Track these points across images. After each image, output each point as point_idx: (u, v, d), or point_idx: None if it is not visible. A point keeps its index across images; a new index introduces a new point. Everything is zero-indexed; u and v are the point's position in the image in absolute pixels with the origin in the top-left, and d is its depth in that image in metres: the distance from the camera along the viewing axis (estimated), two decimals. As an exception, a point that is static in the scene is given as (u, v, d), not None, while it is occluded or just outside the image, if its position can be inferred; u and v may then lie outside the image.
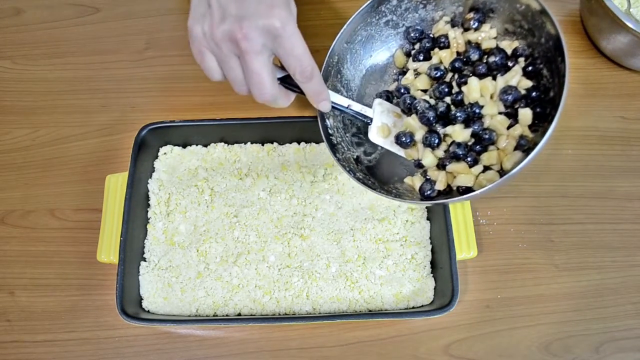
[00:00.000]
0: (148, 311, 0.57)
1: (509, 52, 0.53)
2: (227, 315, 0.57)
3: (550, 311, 0.59)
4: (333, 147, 0.55)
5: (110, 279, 0.59)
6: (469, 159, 0.51)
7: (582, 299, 0.59)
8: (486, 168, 0.51)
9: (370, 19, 0.57)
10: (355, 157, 0.58)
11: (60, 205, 0.64)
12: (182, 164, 0.64)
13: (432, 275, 0.58)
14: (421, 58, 0.57)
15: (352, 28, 0.57)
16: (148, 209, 0.62)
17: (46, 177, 0.66)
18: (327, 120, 0.56)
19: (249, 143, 0.65)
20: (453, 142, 0.52)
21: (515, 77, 0.51)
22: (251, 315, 0.57)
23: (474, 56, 0.54)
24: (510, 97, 0.50)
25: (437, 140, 0.52)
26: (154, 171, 0.63)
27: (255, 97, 0.46)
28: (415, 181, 0.55)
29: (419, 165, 0.54)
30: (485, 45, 0.54)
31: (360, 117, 0.55)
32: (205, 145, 0.65)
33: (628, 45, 0.66)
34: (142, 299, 0.58)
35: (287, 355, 0.57)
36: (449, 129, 0.52)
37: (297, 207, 0.61)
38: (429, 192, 0.53)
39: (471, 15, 0.55)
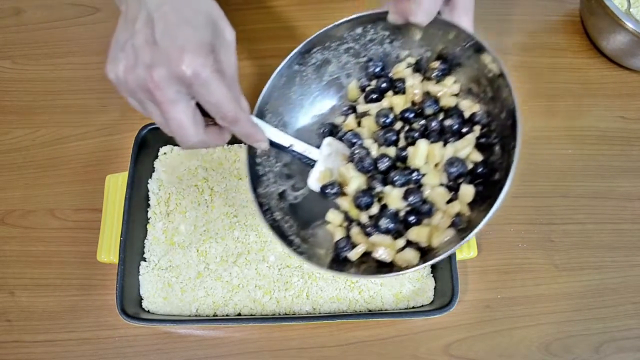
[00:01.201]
0: (148, 311, 0.57)
1: (467, 114, 0.49)
2: (227, 315, 0.57)
3: (550, 311, 0.59)
4: (257, 178, 0.50)
5: (110, 279, 0.59)
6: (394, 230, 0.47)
7: (582, 299, 0.59)
8: (409, 242, 0.47)
9: (330, 42, 0.52)
10: (280, 191, 0.53)
11: (60, 205, 0.64)
12: (182, 164, 0.64)
13: (432, 275, 0.58)
14: (374, 98, 0.53)
15: (307, 49, 0.51)
16: (148, 209, 0.62)
17: (46, 177, 0.66)
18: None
19: (249, 143, 0.65)
20: (385, 210, 0.47)
21: (467, 149, 0.47)
22: (251, 315, 0.57)
23: (429, 110, 0.49)
24: (455, 171, 0.46)
25: (369, 202, 0.47)
26: (154, 171, 0.64)
27: (178, 143, 0.43)
28: (337, 231, 0.50)
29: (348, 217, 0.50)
30: (444, 102, 0.49)
31: (304, 160, 0.51)
32: (205, 145, 0.65)
33: (628, 45, 0.66)
34: (142, 299, 0.58)
35: (287, 355, 0.57)
36: (387, 189, 0.48)
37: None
38: (342, 250, 0.48)
39: (437, 64, 0.50)
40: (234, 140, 0.64)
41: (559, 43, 0.74)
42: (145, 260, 0.59)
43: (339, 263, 0.48)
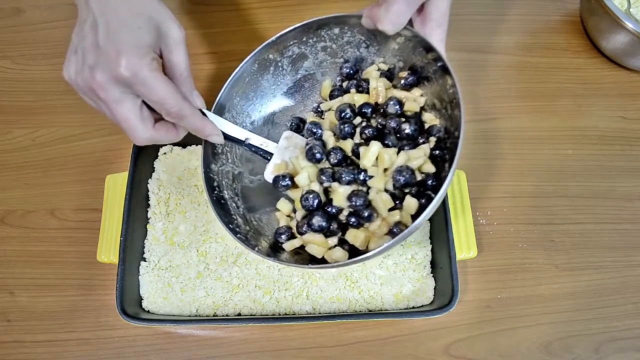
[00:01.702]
0: (148, 311, 0.57)
1: (427, 125, 0.50)
2: (227, 315, 0.57)
3: (550, 311, 0.59)
4: (214, 155, 0.52)
5: (110, 279, 0.59)
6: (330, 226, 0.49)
7: (582, 299, 0.59)
8: (343, 241, 0.49)
9: (307, 38, 0.53)
10: (237, 172, 0.54)
11: (60, 205, 0.64)
12: (182, 164, 0.64)
13: (432, 275, 0.58)
14: (336, 94, 0.55)
15: (282, 40, 0.52)
16: (148, 209, 0.62)
17: (46, 177, 0.66)
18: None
19: (249, 143, 0.65)
20: (319, 210, 0.49)
21: (419, 159, 0.47)
22: (251, 315, 0.57)
23: (391, 109, 0.50)
24: (402, 179, 0.46)
25: (315, 202, 0.49)
26: (154, 171, 0.63)
27: (132, 140, 0.45)
28: (282, 220, 0.52)
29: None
30: (408, 106, 0.50)
31: (261, 153, 0.51)
32: (205, 145, 0.65)
33: (628, 45, 0.66)
34: (142, 299, 0.58)
35: (287, 355, 0.57)
36: (335, 185, 0.49)
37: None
38: (280, 238, 0.51)
39: (405, 74, 0.51)
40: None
41: (559, 43, 0.74)
42: (145, 260, 0.59)
43: (275, 250, 0.50)
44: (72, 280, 0.61)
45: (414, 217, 0.47)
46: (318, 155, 0.50)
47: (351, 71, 0.55)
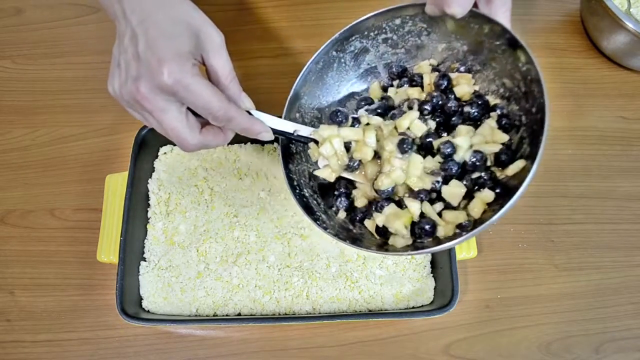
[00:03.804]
0: (148, 311, 0.57)
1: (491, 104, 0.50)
2: (227, 315, 0.57)
3: (550, 311, 0.59)
4: (290, 156, 0.52)
5: (110, 279, 0.59)
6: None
7: (582, 299, 0.59)
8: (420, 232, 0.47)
9: (369, 32, 0.53)
10: (311, 170, 0.54)
11: (60, 205, 0.64)
12: (182, 164, 0.64)
13: (432, 275, 0.58)
14: (394, 84, 0.55)
15: (345, 36, 0.53)
16: (148, 209, 0.62)
17: (46, 177, 0.66)
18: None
19: (249, 143, 0.65)
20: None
21: (488, 135, 0.48)
22: (251, 315, 0.57)
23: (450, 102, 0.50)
24: (476, 159, 0.47)
25: (389, 192, 0.48)
26: (154, 171, 0.63)
27: (180, 148, 0.45)
28: (360, 202, 0.51)
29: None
30: (460, 91, 0.51)
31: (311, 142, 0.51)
32: (205, 145, 0.65)
33: (628, 45, 0.66)
34: (142, 299, 0.58)
35: (287, 355, 0.57)
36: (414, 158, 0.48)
37: (297, 206, 0.61)
38: (357, 215, 0.50)
39: (456, 65, 0.52)
40: (234, 140, 0.65)
41: (559, 43, 0.74)
42: (145, 260, 0.59)
43: (354, 240, 0.49)
44: (72, 280, 0.61)
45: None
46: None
47: (399, 71, 0.55)
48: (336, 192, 0.52)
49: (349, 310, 0.57)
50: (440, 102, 0.50)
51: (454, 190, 0.47)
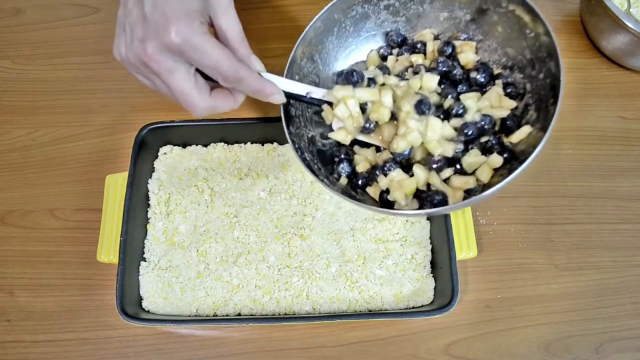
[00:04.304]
0: (148, 311, 0.57)
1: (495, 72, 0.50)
2: (227, 315, 0.57)
3: (550, 311, 0.59)
4: (289, 119, 0.50)
5: (110, 279, 0.59)
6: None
7: (582, 299, 0.59)
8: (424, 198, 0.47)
9: None
10: (309, 136, 0.52)
11: (60, 205, 0.64)
12: (182, 164, 0.64)
13: (432, 275, 0.58)
14: (394, 52, 0.54)
15: (349, 2, 0.52)
16: (148, 209, 0.62)
17: (46, 177, 0.66)
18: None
19: (249, 143, 0.65)
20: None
21: (494, 100, 0.48)
22: (251, 315, 0.57)
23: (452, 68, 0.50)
24: (484, 123, 0.47)
25: (408, 152, 0.47)
26: (154, 171, 0.63)
27: (189, 112, 0.44)
28: (362, 167, 0.51)
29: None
30: (464, 59, 0.51)
31: (326, 104, 0.50)
32: (205, 145, 0.65)
33: (628, 45, 0.66)
34: (142, 299, 0.58)
35: (287, 355, 0.57)
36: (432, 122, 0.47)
37: (297, 207, 0.61)
38: (359, 181, 0.49)
39: (459, 35, 0.53)
40: (234, 140, 0.65)
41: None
42: (145, 260, 0.59)
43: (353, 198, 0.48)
44: (72, 280, 0.61)
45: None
46: (428, 107, 0.47)
47: (399, 39, 0.54)
48: (337, 158, 0.51)
49: (349, 310, 0.57)
50: (446, 69, 0.49)
51: (474, 160, 0.47)
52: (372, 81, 0.50)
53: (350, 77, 0.50)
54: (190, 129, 0.63)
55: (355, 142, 0.52)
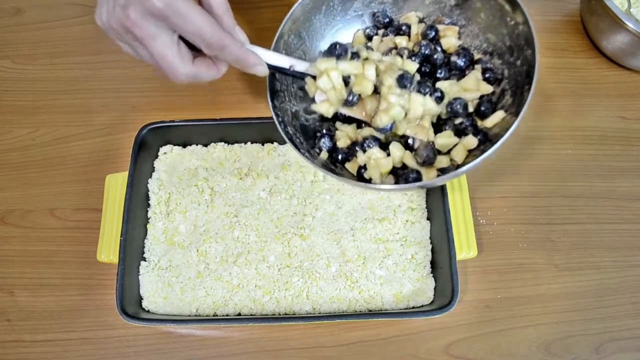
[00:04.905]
0: (148, 311, 0.57)
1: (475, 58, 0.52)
2: (227, 315, 0.57)
3: (550, 311, 0.59)
4: (274, 93, 0.50)
5: (110, 279, 0.59)
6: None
7: (582, 299, 0.59)
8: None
9: None
10: (293, 110, 0.53)
11: (60, 205, 0.64)
12: (182, 164, 0.64)
13: (432, 275, 0.58)
14: (379, 33, 0.55)
15: None
16: (148, 209, 0.62)
17: (46, 177, 0.66)
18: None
19: (249, 143, 0.65)
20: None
21: (473, 84, 0.49)
22: (251, 315, 0.57)
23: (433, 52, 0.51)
24: (457, 106, 0.48)
25: (390, 126, 0.48)
26: (154, 171, 0.63)
27: (171, 79, 0.44)
28: (342, 143, 0.51)
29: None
30: (446, 43, 0.52)
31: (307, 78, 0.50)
32: (205, 145, 0.65)
33: (628, 45, 0.66)
34: (142, 299, 0.58)
35: (287, 355, 0.57)
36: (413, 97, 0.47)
37: (297, 207, 0.61)
38: (339, 156, 0.50)
39: (442, 18, 0.54)
40: (234, 140, 0.65)
41: (559, 43, 0.74)
42: (145, 260, 0.59)
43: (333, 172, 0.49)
44: (72, 280, 0.61)
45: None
46: (338, 51, 0.48)
47: (386, 21, 0.55)
48: (319, 133, 0.52)
49: (349, 310, 0.57)
50: (428, 52, 0.50)
51: (447, 141, 0.48)
52: (355, 55, 0.50)
53: (334, 50, 0.50)
54: (190, 128, 0.63)
55: (337, 118, 0.53)
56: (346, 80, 0.49)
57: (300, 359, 0.57)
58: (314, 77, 0.50)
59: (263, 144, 0.65)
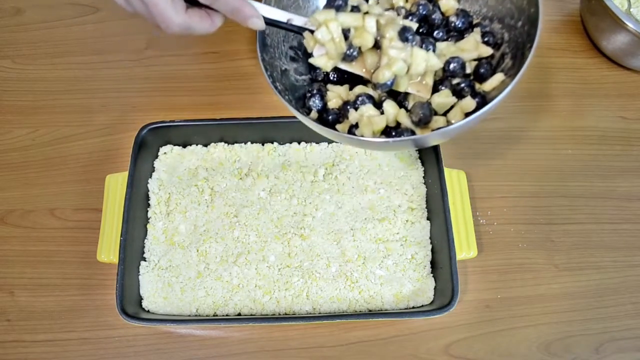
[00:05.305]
0: (148, 311, 0.57)
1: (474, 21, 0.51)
2: (227, 315, 0.57)
3: (550, 311, 0.59)
4: (264, 47, 0.49)
5: (110, 279, 0.59)
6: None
7: (582, 299, 0.59)
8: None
9: None
10: (283, 68, 0.51)
11: (60, 205, 0.64)
12: (182, 164, 0.64)
13: (432, 275, 0.58)
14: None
15: None
16: (148, 209, 0.62)
17: (46, 177, 0.66)
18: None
19: (249, 143, 0.65)
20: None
21: (471, 45, 0.48)
22: (251, 315, 0.57)
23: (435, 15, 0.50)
24: (454, 66, 0.47)
25: (391, 82, 0.47)
26: (154, 171, 0.63)
27: (164, 30, 0.43)
28: (333, 104, 0.50)
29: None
30: (444, 5, 0.50)
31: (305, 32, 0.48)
32: (205, 145, 0.65)
33: (628, 45, 0.66)
34: (142, 299, 0.58)
35: (287, 355, 0.57)
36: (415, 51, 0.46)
37: (297, 207, 0.61)
38: (330, 116, 0.49)
39: None
40: (234, 140, 0.65)
41: (559, 43, 0.74)
42: (145, 260, 0.59)
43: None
44: (72, 280, 0.61)
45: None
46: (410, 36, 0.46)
47: None
48: (309, 93, 0.50)
49: (349, 310, 0.57)
50: (426, 12, 0.49)
51: (445, 100, 0.47)
52: (356, 9, 0.49)
53: (333, 1, 0.48)
54: (190, 128, 0.63)
55: (328, 80, 0.51)
56: (346, 35, 0.47)
57: (300, 359, 0.57)
58: (313, 32, 0.48)
59: (263, 144, 0.65)
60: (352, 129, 0.48)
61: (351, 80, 0.51)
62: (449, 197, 0.58)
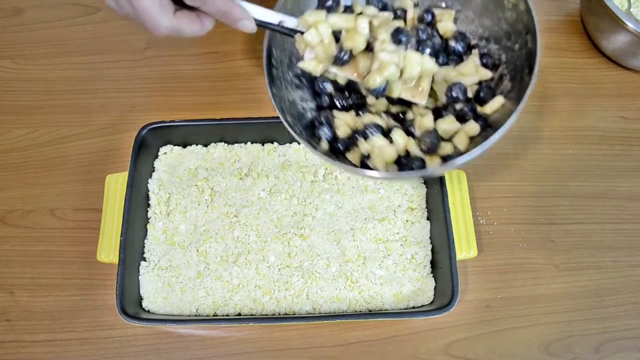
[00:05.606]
0: (148, 311, 0.57)
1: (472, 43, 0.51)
2: (227, 315, 0.57)
3: (550, 311, 0.59)
4: (272, 80, 0.48)
5: (110, 279, 0.59)
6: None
7: (582, 299, 0.59)
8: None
9: None
10: (290, 99, 0.51)
11: (60, 205, 0.64)
12: (182, 164, 0.64)
13: (432, 275, 0.58)
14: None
15: None
16: (148, 209, 0.62)
17: (46, 177, 0.66)
18: (273, 50, 0.49)
19: (249, 143, 0.65)
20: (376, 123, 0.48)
21: (471, 69, 0.48)
22: (251, 315, 0.57)
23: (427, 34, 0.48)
24: (456, 93, 0.47)
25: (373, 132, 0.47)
26: (154, 171, 0.64)
27: (152, 32, 0.43)
28: (342, 132, 0.49)
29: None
30: (442, 27, 0.50)
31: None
32: (205, 145, 0.65)
33: (628, 45, 0.66)
34: (142, 299, 0.58)
35: (287, 355, 0.57)
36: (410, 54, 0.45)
37: (297, 207, 0.61)
38: (340, 145, 0.48)
39: (440, 2, 0.52)
40: (234, 140, 0.65)
41: (559, 43, 0.74)
42: (145, 260, 0.59)
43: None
44: (72, 280, 0.61)
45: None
46: (403, 39, 0.45)
47: (380, 5, 0.52)
48: (317, 122, 0.50)
49: (349, 310, 0.57)
50: (425, 37, 0.48)
51: (450, 126, 0.47)
52: (349, 10, 0.48)
53: (325, 1, 0.47)
54: (190, 128, 0.63)
55: (333, 106, 0.51)
56: (337, 37, 0.46)
57: (300, 359, 0.57)
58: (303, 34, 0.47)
59: (263, 144, 0.65)
60: (364, 159, 0.48)
61: (356, 103, 0.51)
62: (449, 197, 0.58)
